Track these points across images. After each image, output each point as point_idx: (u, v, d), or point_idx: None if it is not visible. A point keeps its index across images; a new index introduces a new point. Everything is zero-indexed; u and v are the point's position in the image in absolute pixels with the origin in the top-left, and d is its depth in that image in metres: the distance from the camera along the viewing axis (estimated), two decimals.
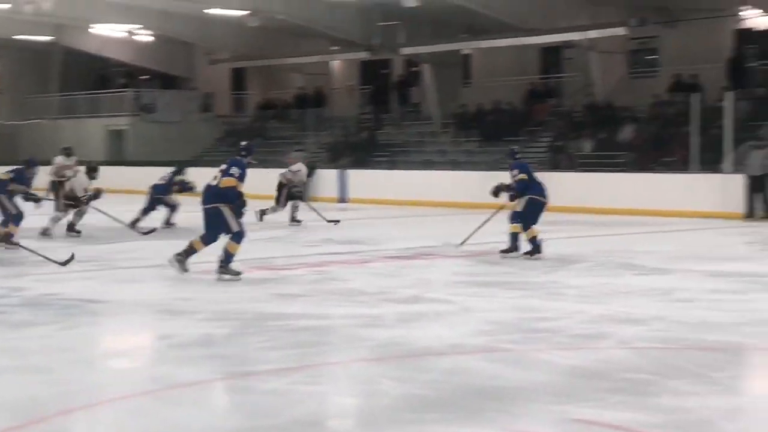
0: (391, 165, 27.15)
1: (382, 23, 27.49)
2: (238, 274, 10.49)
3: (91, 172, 15.72)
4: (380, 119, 30.93)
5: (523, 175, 12.66)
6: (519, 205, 12.62)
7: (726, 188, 19.54)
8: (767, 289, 10.23)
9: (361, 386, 6.25)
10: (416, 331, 7.77)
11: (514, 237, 12.60)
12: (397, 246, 14.17)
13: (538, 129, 26.62)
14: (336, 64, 34.03)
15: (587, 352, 7.04)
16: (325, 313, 8.57)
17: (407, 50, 28.58)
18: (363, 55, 29.85)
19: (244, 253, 10.85)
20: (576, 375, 6.33)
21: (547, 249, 12.58)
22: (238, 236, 10.48)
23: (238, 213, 10.51)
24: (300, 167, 18.33)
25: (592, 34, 24.69)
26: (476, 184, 23.07)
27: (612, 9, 24.72)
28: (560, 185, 17.76)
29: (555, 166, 24.01)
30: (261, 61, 33.53)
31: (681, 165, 21.86)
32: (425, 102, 30.11)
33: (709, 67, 24.38)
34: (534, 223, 12.51)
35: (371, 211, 21.82)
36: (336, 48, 31.15)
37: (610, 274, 11.28)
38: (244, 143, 11.30)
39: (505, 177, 12.95)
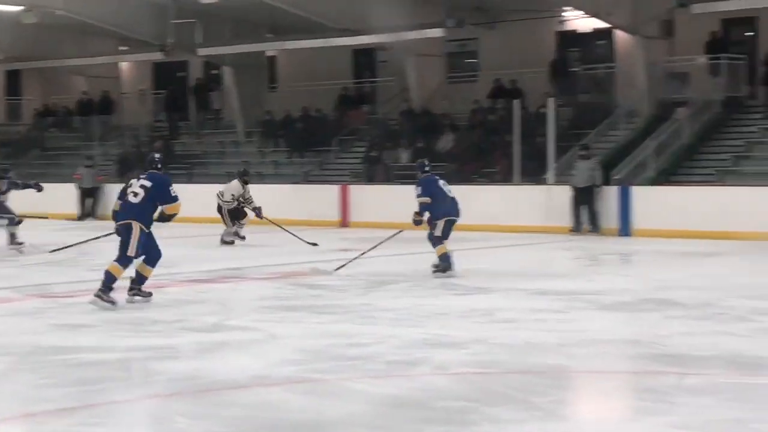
0: (189, 178, 26.87)
1: (176, 20, 27.20)
2: (113, 303, 10.45)
3: None
4: (176, 127, 30.61)
5: (425, 199, 13.24)
6: (437, 229, 13.19)
7: (550, 201, 20.26)
8: (593, 307, 10.64)
9: (154, 426, 6.18)
10: (217, 362, 7.73)
11: (445, 257, 13.11)
12: (195, 268, 14.05)
13: (352, 138, 26.92)
14: (125, 66, 33.45)
15: (402, 380, 7.17)
16: (113, 345, 8.43)
17: (205, 51, 28.35)
18: (156, 56, 29.39)
19: (15, 278, 10.57)
20: (390, 405, 6.44)
21: (359, 268, 12.73)
22: (125, 260, 10.52)
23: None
24: (231, 185, 18.27)
25: (408, 35, 25.14)
26: (285, 198, 23.23)
27: (429, 9, 25.28)
28: (376, 199, 18.01)
29: (370, 179, 24.34)
30: (39, 62, 32.61)
31: (503, 176, 22.52)
32: (227, 108, 29.98)
33: (531, 72, 25.22)
34: (445, 239, 13.17)
35: (166, 229, 21.50)
36: (125, 48, 30.63)
37: (428, 294, 11.52)
38: (157, 155, 11.31)
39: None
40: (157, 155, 11.32)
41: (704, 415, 6.17)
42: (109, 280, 10.41)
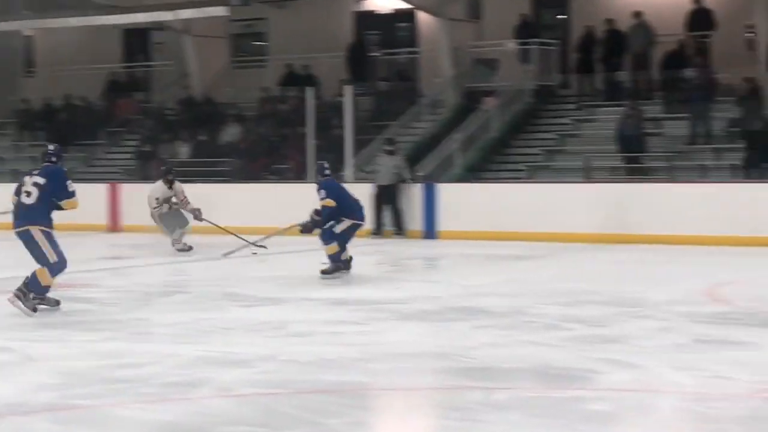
0: None
1: None
2: (58, 302, 10.91)
3: None
4: None
5: (330, 201, 13.62)
6: (338, 227, 13.64)
7: None
8: (395, 317, 10.79)
9: None
10: None
11: (336, 257, 13.59)
12: None
13: (122, 130, 26.55)
14: None
15: (180, 404, 7.11)
16: None
17: None
18: None
19: None
20: None
21: (134, 278, 12.57)
22: (54, 268, 10.64)
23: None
24: (154, 187, 17.78)
25: (187, 14, 24.96)
26: None
27: None
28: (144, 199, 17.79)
29: (145, 177, 24.02)
30: None
31: (296, 173, 22.60)
32: None
33: (326, 56, 25.39)
34: (346, 243, 13.76)
35: None
36: None
37: (211, 307, 11.46)
38: (53, 146, 11.25)
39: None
40: (51, 147, 11.26)
41: None
42: (42, 290, 10.69)
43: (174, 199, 17.48)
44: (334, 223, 13.76)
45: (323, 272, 13.72)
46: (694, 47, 21.96)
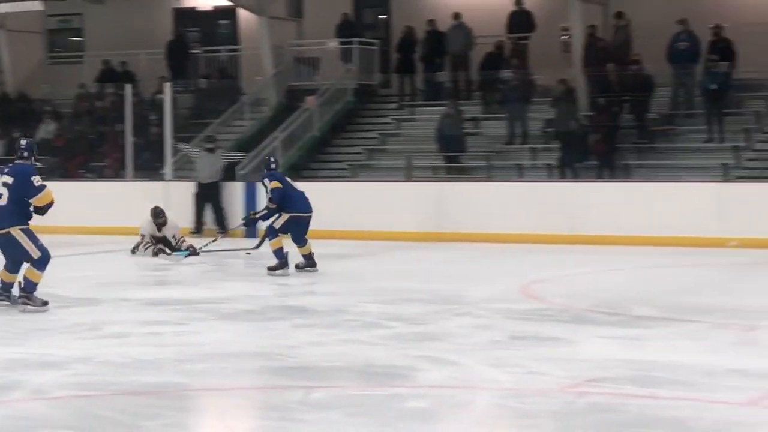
0: None
1: None
2: (45, 303, 10.79)
3: None
4: None
5: (276, 183, 13.91)
6: (278, 221, 13.91)
7: (168, 198, 20.18)
8: (214, 317, 10.71)
9: None
10: None
11: (280, 252, 13.91)
12: None
13: None
14: None
15: None
16: None
17: None
18: None
19: None
20: None
21: None
22: (39, 262, 10.65)
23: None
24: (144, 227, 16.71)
25: (2, 8, 24.37)
26: None
27: None
28: None
29: None
30: None
31: (115, 171, 22.28)
32: None
33: (145, 53, 25.09)
34: (302, 240, 14.11)
35: None
36: None
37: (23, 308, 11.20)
38: (24, 141, 11.11)
39: None
40: (24, 141, 11.09)
41: None
42: (29, 287, 10.77)
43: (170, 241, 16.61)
44: (275, 219, 14.09)
45: (269, 269, 13.99)
46: (511, 49, 22.36)
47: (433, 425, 6.74)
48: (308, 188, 20.14)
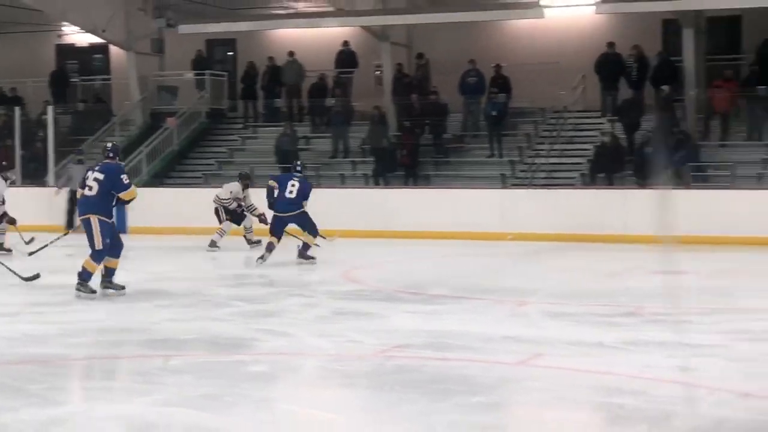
0: None
1: None
2: (93, 291, 10.32)
3: None
4: None
5: (272, 182, 13.88)
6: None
7: (50, 202, 19.65)
8: (91, 300, 10.41)
9: None
10: None
11: (268, 246, 13.50)
12: None
13: None
14: None
15: None
16: None
17: None
18: None
19: None
20: None
21: None
22: (97, 254, 10.27)
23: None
24: (231, 184, 16.20)
25: None
26: None
27: None
28: None
29: None
30: None
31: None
32: None
33: (32, 80, 24.50)
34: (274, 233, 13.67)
35: None
36: None
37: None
38: (110, 144, 10.97)
39: None
40: (109, 144, 10.82)
41: (185, 392, 6.34)
42: (85, 275, 10.29)
43: (242, 203, 16.16)
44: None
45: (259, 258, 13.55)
46: (334, 80, 22.47)
47: (270, 384, 6.78)
48: (170, 193, 20.11)
